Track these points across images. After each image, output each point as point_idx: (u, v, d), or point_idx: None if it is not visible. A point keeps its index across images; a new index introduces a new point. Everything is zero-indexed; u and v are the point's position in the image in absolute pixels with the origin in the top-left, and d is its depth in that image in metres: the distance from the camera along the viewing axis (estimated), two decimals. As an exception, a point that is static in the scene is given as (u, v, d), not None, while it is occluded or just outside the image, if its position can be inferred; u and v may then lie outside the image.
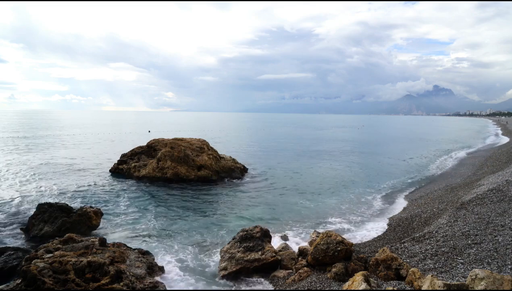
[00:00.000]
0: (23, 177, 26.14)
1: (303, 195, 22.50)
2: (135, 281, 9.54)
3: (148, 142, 29.50)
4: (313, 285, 9.52)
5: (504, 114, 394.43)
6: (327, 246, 10.41)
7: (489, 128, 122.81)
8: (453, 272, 8.80)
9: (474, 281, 6.37)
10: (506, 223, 11.80)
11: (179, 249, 13.46)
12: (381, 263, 9.43)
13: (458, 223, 12.73)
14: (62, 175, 27.24)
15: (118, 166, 28.08)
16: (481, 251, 9.76)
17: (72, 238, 11.16)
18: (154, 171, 25.84)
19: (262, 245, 12.01)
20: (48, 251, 10.09)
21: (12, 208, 18.38)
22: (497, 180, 20.26)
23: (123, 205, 19.60)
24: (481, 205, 14.86)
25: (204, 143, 29.39)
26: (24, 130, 79.04)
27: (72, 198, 20.86)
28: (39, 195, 21.23)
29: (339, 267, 9.88)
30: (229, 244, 12.47)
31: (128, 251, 11.22)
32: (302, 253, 11.77)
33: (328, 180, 27.63)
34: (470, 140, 68.30)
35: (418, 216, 16.19)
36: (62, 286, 8.52)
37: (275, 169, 32.26)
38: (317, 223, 16.90)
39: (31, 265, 8.81)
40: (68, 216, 15.43)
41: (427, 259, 9.88)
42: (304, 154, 44.69)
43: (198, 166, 26.50)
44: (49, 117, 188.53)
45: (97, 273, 9.16)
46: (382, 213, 18.54)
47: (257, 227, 12.93)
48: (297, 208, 19.66)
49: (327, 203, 20.59)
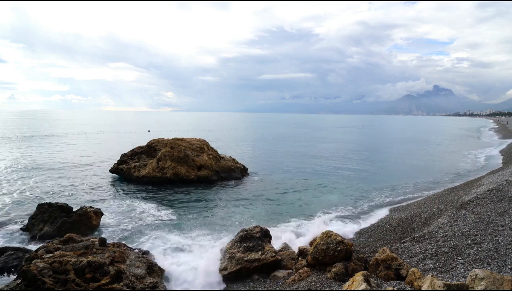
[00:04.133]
0: (23, 177, 26.13)
1: (303, 195, 22.50)
2: (135, 281, 9.53)
3: (148, 142, 29.49)
4: (313, 285, 9.52)
5: (504, 114, 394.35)
6: (327, 246, 10.42)
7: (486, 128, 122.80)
8: (453, 272, 8.80)
9: (474, 281, 6.37)
10: (506, 223, 11.81)
11: (179, 249, 13.46)
12: (381, 263, 9.43)
13: (458, 223, 12.73)
14: (62, 175, 27.24)
15: (118, 166, 28.07)
16: (481, 251, 9.76)
17: (72, 238, 11.16)
18: (154, 171, 25.84)
19: (262, 245, 12.00)
20: (48, 251, 10.09)
21: (12, 208, 18.38)
22: (497, 180, 20.27)
23: (123, 205, 19.60)
24: (481, 205, 14.87)
25: (204, 143, 29.39)
26: (25, 130, 79.05)
27: (72, 198, 20.86)
28: (39, 195, 21.23)
29: (339, 267, 9.88)
30: (229, 244, 12.47)
31: (128, 251, 11.22)
32: (302, 253, 11.76)
33: (328, 180, 27.62)
34: (471, 141, 68.32)
35: (418, 216, 16.19)
36: (62, 286, 8.52)
37: (275, 168, 32.27)
38: (317, 222, 16.87)
39: (31, 265, 8.80)
40: (68, 216, 15.44)
41: (427, 259, 9.89)
42: (304, 154, 44.68)
43: (198, 166, 26.49)
44: (49, 118, 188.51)
45: (97, 273, 9.16)
46: (382, 213, 18.54)
47: (257, 227, 12.92)
48: (297, 207, 19.66)
49: (327, 203, 20.58)
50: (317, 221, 17.10)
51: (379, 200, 21.48)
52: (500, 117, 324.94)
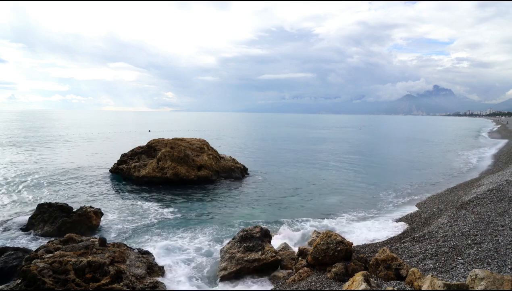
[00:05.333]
0: (23, 177, 26.13)
1: (304, 195, 22.50)
2: (135, 281, 9.54)
3: (148, 142, 29.50)
4: (313, 285, 9.52)
5: (504, 114, 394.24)
6: (327, 246, 10.41)
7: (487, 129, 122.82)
8: (453, 272, 8.80)
9: (474, 281, 6.37)
10: (506, 223, 11.81)
11: (179, 249, 13.45)
12: (381, 263, 9.42)
13: (458, 223, 12.73)
14: (62, 175, 27.25)
15: (118, 166, 28.07)
16: (481, 251, 9.76)
17: (72, 238, 11.16)
18: (154, 171, 25.84)
19: (262, 245, 12.00)
20: (48, 251, 10.09)
21: (12, 208, 18.39)
22: (497, 180, 20.27)
23: (123, 205, 19.60)
24: (481, 205, 14.87)
25: (204, 143, 29.40)
26: (25, 130, 79.07)
27: (72, 198, 20.86)
28: (39, 195, 21.24)
29: (339, 267, 9.87)
30: (229, 244, 12.47)
31: (128, 251, 11.22)
32: (302, 253, 11.76)
33: (329, 180, 27.63)
34: (471, 140, 68.31)
35: (418, 216, 16.20)
36: (62, 286, 8.52)
37: (275, 169, 32.27)
38: (317, 223, 16.90)
39: (31, 265, 8.80)
40: (68, 216, 15.44)
41: (427, 259, 9.89)
42: (304, 154, 44.68)
43: (198, 166, 26.50)
44: (49, 118, 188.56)
45: (97, 273, 9.16)
46: (382, 213, 18.54)
47: (257, 227, 12.93)
48: (297, 207, 19.66)
49: (327, 203, 20.58)
50: (317, 221, 17.12)
51: (379, 200, 21.48)
52: (500, 117, 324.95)
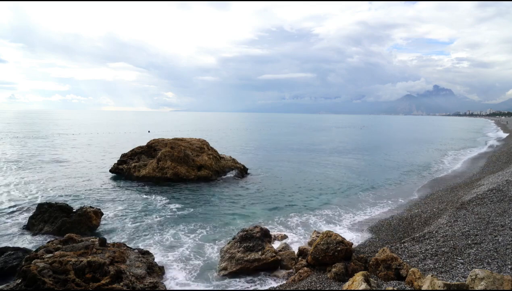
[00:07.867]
0: (23, 177, 26.13)
1: (304, 195, 22.49)
2: (135, 281, 9.53)
3: (148, 142, 29.51)
4: (313, 285, 9.52)
5: (504, 114, 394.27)
6: (327, 246, 10.42)
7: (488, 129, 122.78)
8: (453, 272, 8.80)
9: (474, 281, 6.37)
10: (506, 223, 11.81)
11: (179, 249, 13.46)
12: (381, 263, 9.43)
13: (458, 223, 12.73)
14: (62, 175, 27.25)
15: (118, 165, 28.07)
16: (481, 251, 9.76)
17: (72, 238, 11.16)
18: (154, 170, 25.84)
19: (262, 245, 12.01)
20: (48, 251, 10.09)
21: (12, 208, 18.38)
22: (497, 180, 20.26)
23: (123, 205, 19.59)
24: (481, 205, 14.87)
25: (204, 143, 29.40)
26: (25, 130, 79.05)
27: (72, 197, 20.86)
28: (39, 195, 21.23)
29: (339, 267, 9.88)
30: (229, 244, 12.47)
31: (128, 251, 11.22)
32: (302, 253, 11.76)
33: (329, 180, 27.62)
34: (470, 141, 68.32)
35: (418, 216, 16.19)
36: (62, 286, 8.52)
37: (275, 168, 32.26)
38: (317, 223, 16.90)
39: (31, 265, 8.80)
40: (68, 216, 15.43)
41: (427, 259, 9.88)
42: (304, 154, 44.68)
43: (198, 165, 26.50)
44: (49, 118, 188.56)
45: (97, 273, 9.16)
46: (382, 213, 18.54)
47: (257, 227, 12.93)
48: (297, 208, 19.65)
49: (327, 203, 20.57)
50: (317, 221, 17.12)
51: (379, 200, 21.48)
52: (500, 117, 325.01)
